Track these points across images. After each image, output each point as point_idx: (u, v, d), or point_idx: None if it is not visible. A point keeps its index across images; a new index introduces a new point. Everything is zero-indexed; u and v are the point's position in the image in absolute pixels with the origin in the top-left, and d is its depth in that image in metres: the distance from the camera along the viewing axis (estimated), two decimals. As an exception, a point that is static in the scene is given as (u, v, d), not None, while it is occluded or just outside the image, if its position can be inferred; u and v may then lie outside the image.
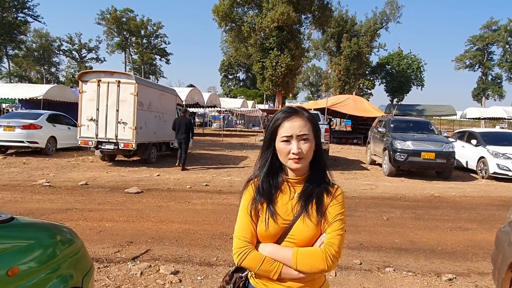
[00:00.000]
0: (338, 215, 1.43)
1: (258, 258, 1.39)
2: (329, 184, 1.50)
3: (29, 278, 1.80)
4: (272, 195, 1.47)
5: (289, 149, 1.41)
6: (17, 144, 12.53)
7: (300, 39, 30.20)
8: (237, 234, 1.45)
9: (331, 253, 1.36)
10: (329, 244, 1.38)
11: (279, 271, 1.38)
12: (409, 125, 12.82)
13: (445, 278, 4.05)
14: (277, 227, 1.43)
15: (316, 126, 1.48)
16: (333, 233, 1.40)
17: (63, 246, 2.20)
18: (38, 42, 63.55)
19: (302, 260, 1.37)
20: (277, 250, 1.41)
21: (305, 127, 1.42)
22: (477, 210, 7.45)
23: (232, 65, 68.63)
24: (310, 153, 1.44)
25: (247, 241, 1.42)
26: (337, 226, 1.41)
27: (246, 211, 1.46)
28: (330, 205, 1.44)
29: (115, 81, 10.70)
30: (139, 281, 3.69)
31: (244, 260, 1.40)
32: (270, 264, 1.39)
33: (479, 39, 56.68)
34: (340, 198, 1.46)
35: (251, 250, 1.41)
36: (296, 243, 1.42)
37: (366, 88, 52.60)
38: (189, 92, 23.75)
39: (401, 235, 5.63)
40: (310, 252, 1.39)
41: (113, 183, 8.68)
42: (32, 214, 5.86)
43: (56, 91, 19.83)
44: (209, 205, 7.01)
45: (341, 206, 1.45)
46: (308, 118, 1.46)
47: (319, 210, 1.42)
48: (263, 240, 1.45)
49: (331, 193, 1.46)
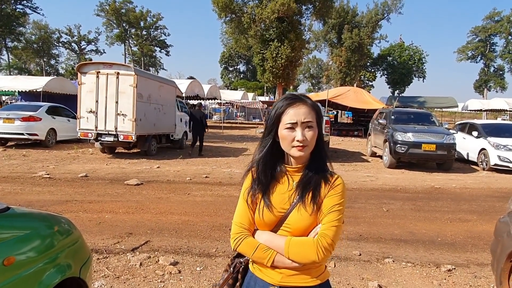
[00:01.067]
0: (335, 205, 1.39)
1: (252, 245, 1.41)
2: (329, 173, 1.46)
3: (25, 268, 1.80)
4: (268, 185, 1.46)
5: (293, 136, 1.39)
6: (17, 136, 12.53)
7: (301, 30, 29.97)
8: (235, 220, 1.47)
9: (323, 244, 1.34)
10: (322, 236, 1.35)
11: (272, 258, 1.38)
12: (410, 116, 12.77)
13: (444, 269, 4.05)
14: (272, 217, 1.42)
15: (319, 114, 1.45)
16: (328, 224, 1.37)
17: (60, 236, 2.19)
18: (37, 34, 63.21)
19: (294, 250, 1.36)
20: (272, 238, 1.41)
21: (309, 114, 1.40)
22: (477, 202, 7.44)
23: (232, 57, 68.33)
24: (313, 141, 1.41)
25: (244, 227, 1.44)
26: (332, 217, 1.37)
27: (244, 199, 1.47)
28: (327, 195, 1.40)
29: (114, 73, 10.65)
30: (138, 272, 3.70)
31: (239, 245, 1.42)
32: (264, 251, 1.39)
33: (482, 30, 56.31)
34: (339, 188, 1.42)
35: (247, 236, 1.42)
36: (291, 232, 1.41)
37: (367, 80, 52.42)
38: (189, 84, 23.69)
39: (400, 226, 5.63)
40: (302, 242, 1.37)
41: (113, 175, 8.68)
42: (32, 205, 5.86)
43: (55, 83, 19.80)
44: (208, 196, 7.01)
45: (340, 197, 1.40)
46: (312, 106, 1.43)
47: (315, 200, 1.39)
48: (260, 227, 1.45)
49: (329, 182, 1.42)
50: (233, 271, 1.54)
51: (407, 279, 3.80)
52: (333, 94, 23.76)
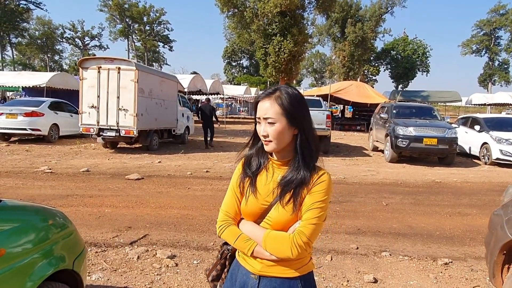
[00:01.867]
0: (316, 203, 1.36)
1: (234, 233, 1.44)
2: (314, 170, 1.41)
3: (16, 260, 1.82)
4: (256, 175, 1.48)
5: (260, 130, 1.42)
6: (20, 131, 12.60)
7: (304, 25, 29.77)
8: (222, 208, 1.51)
9: (297, 242, 1.33)
10: (298, 233, 1.35)
11: (252, 249, 1.40)
12: (412, 111, 12.71)
13: (441, 262, 4.06)
14: (257, 206, 1.44)
15: (289, 109, 1.37)
16: (305, 221, 1.35)
17: (53, 229, 2.21)
18: (40, 29, 63.28)
19: (271, 244, 1.37)
20: (253, 229, 1.44)
21: (270, 110, 1.37)
22: (477, 196, 7.42)
23: (235, 52, 68.11)
24: (278, 136, 1.38)
25: (229, 215, 1.48)
26: (311, 215, 1.35)
27: (232, 188, 1.51)
28: (310, 192, 1.38)
29: (115, 68, 10.66)
30: (135, 265, 3.73)
31: (222, 233, 1.46)
32: (245, 241, 1.42)
33: (486, 23, 55.67)
34: (322, 185, 1.38)
35: (230, 225, 1.46)
36: (272, 226, 1.42)
37: (371, 74, 52.12)
38: (192, 79, 23.66)
39: (399, 220, 5.63)
40: (279, 237, 1.37)
41: (114, 169, 8.73)
42: (33, 200, 5.91)
43: (59, 79, 19.86)
44: (208, 191, 7.03)
45: (322, 194, 1.37)
46: (277, 99, 1.37)
47: (295, 200, 1.38)
48: (245, 217, 1.48)
49: (312, 180, 1.39)
50: (220, 257, 1.61)
51: (403, 272, 3.81)
52: (336, 89, 23.68)
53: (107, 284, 3.34)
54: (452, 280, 3.69)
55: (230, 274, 1.55)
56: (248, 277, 1.45)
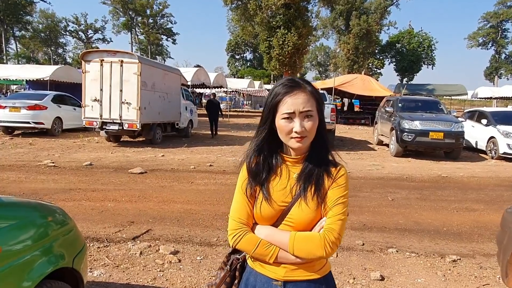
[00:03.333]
0: (340, 198, 1.32)
1: (253, 241, 1.32)
2: (332, 164, 1.38)
3: (14, 258, 1.76)
4: (266, 177, 1.37)
5: (291, 127, 1.29)
6: (23, 125, 12.59)
7: (308, 17, 29.49)
8: (232, 215, 1.37)
9: (330, 239, 1.28)
10: (329, 230, 1.29)
11: (275, 255, 1.31)
12: (418, 104, 12.54)
13: (449, 259, 3.97)
14: (273, 211, 1.35)
15: (320, 101, 1.35)
16: (333, 217, 1.30)
17: (52, 226, 2.16)
18: (44, 23, 63.24)
19: (299, 246, 1.29)
20: (273, 233, 1.33)
21: (308, 102, 1.30)
22: (485, 191, 7.31)
23: (239, 45, 67.77)
24: (313, 131, 1.32)
25: (243, 222, 1.35)
26: (338, 210, 1.31)
27: (242, 192, 1.38)
28: (331, 187, 1.33)
29: (118, 61, 10.58)
30: (138, 261, 3.68)
31: (239, 242, 1.33)
32: (266, 247, 1.31)
33: (493, 16, 54.96)
34: (342, 179, 1.34)
35: (246, 233, 1.33)
36: (294, 227, 1.34)
37: (376, 67, 51.63)
38: (195, 72, 23.54)
39: (405, 216, 5.54)
40: (308, 237, 1.30)
41: (117, 163, 8.68)
42: (36, 194, 5.89)
43: (62, 72, 19.82)
44: (212, 185, 6.97)
45: (343, 189, 1.33)
46: (311, 92, 1.32)
47: (318, 193, 1.32)
48: (259, 222, 1.37)
49: (332, 174, 1.35)
50: (230, 268, 1.46)
51: (410, 270, 3.74)
52: (340, 82, 23.47)
53: (109, 281, 3.29)
54: (461, 278, 3.61)
55: (244, 285, 1.43)
56: (270, 284, 1.36)
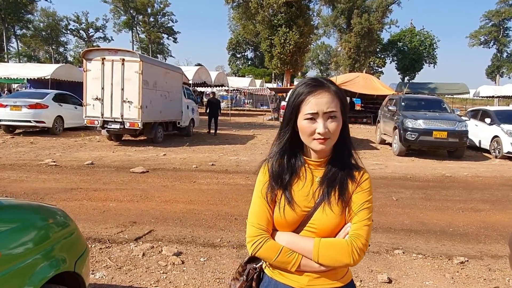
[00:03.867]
0: (365, 202, 1.27)
1: (275, 249, 1.26)
2: (355, 168, 1.32)
3: (14, 262, 1.70)
4: (289, 180, 1.31)
5: (313, 128, 1.24)
6: (24, 123, 12.54)
7: (309, 16, 29.42)
8: (252, 221, 1.30)
9: (357, 246, 1.23)
10: (356, 236, 1.24)
11: (298, 263, 1.25)
12: (421, 103, 12.45)
13: (457, 261, 3.91)
14: (295, 215, 1.28)
15: (344, 101, 1.29)
16: (360, 223, 1.25)
17: (53, 229, 2.09)
18: (45, 21, 63.10)
19: (325, 253, 1.23)
20: (296, 240, 1.27)
21: (333, 103, 1.25)
22: (490, 191, 7.23)
23: (240, 43, 67.59)
24: (337, 132, 1.26)
25: (263, 229, 1.28)
26: (363, 216, 1.26)
27: (261, 196, 1.31)
28: (355, 191, 1.28)
29: (120, 59, 10.52)
30: (140, 263, 3.62)
31: (259, 250, 1.26)
32: (288, 255, 1.25)
33: (495, 14, 54.72)
34: (366, 184, 1.30)
35: (267, 240, 1.27)
36: (317, 233, 1.27)
37: (377, 66, 51.50)
38: (196, 71, 23.49)
39: (411, 216, 5.48)
40: (334, 244, 1.25)
41: (119, 162, 8.63)
42: (37, 193, 5.83)
43: (63, 71, 19.77)
44: (214, 184, 6.91)
45: (368, 193, 1.29)
46: (335, 92, 1.27)
47: (343, 198, 1.27)
48: (280, 228, 1.31)
49: (356, 178, 1.30)
50: (246, 279, 1.38)
51: (418, 272, 3.67)
52: (342, 81, 23.34)
53: (111, 283, 3.23)
54: (469, 280, 3.54)
55: None
56: None
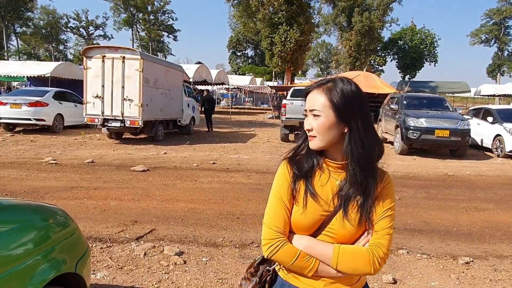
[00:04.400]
0: (388, 210, 1.23)
1: (292, 253, 1.22)
2: (377, 172, 1.26)
3: (14, 264, 1.65)
4: (310, 175, 1.26)
5: (305, 124, 1.28)
6: (24, 121, 12.49)
7: (310, 14, 29.35)
8: (268, 223, 1.25)
9: (379, 255, 1.19)
10: (377, 246, 1.20)
11: (315, 268, 1.22)
12: (423, 102, 12.39)
13: (462, 261, 3.86)
14: (317, 215, 1.23)
15: (338, 102, 1.20)
16: (382, 232, 1.21)
17: (54, 229, 2.05)
18: (45, 19, 63.03)
19: (345, 261, 1.20)
20: (314, 245, 1.23)
21: (317, 101, 1.22)
22: (493, 190, 7.19)
23: (240, 41, 67.46)
24: (321, 131, 1.21)
25: (280, 231, 1.23)
26: (386, 224, 1.22)
27: (279, 196, 1.26)
28: (378, 198, 1.24)
29: (120, 57, 10.46)
30: (142, 262, 3.57)
31: (276, 253, 1.22)
32: (306, 260, 1.22)
33: (496, 12, 54.60)
34: (389, 189, 1.26)
35: (284, 243, 1.22)
36: (336, 238, 1.23)
37: (378, 64, 51.39)
38: (197, 69, 23.40)
39: (414, 215, 5.43)
40: (355, 252, 1.21)
41: (119, 161, 8.58)
42: (37, 192, 5.79)
43: (63, 69, 19.72)
44: (216, 183, 6.86)
45: (391, 199, 1.25)
46: (328, 91, 1.21)
47: (362, 206, 1.22)
48: (297, 231, 1.26)
49: (377, 184, 1.24)
50: (259, 280, 1.35)
51: (423, 272, 3.62)
52: (343, 79, 23.28)
53: (112, 283, 3.19)
54: (475, 281, 3.50)
55: None
56: None
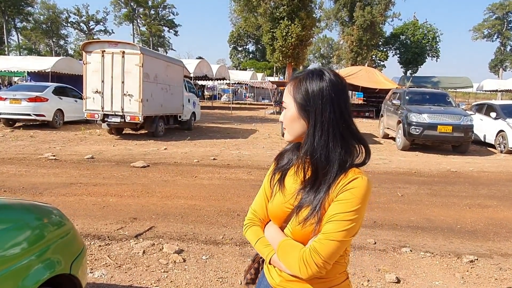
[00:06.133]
0: (340, 214, 1.07)
1: (256, 235, 1.29)
2: (345, 173, 1.13)
3: (8, 264, 1.59)
4: (286, 169, 1.28)
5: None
6: (24, 117, 12.43)
7: (311, 8, 29.09)
8: (251, 206, 1.37)
9: (307, 259, 1.08)
10: (311, 249, 1.09)
11: (270, 256, 1.23)
12: (425, 97, 12.28)
13: (466, 260, 3.79)
14: (282, 207, 1.22)
15: (296, 96, 1.15)
16: (323, 235, 1.08)
17: (48, 228, 1.98)
18: (45, 14, 62.72)
19: (282, 254, 1.17)
20: (274, 233, 1.24)
21: (286, 94, 1.20)
22: (496, 186, 7.11)
23: (241, 36, 67.16)
24: (288, 123, 1.18)
25: (255, 215, 1.33)
26: (331, 229, 1.07)
27: (263, 185, 1.36)
28: (335, 199, 1.10)
29: (120, 52, 10.36)
30: (141, 261, 3.52)
31: (245, 232, 1.33)
32: (265, 246, 1.25)
33: (499, 7, 54.22)
34: (352, 193, 1.08)
35: (254, 225, 1.32)
36: (292, 233, 1.19)
37: (379, 59, 51.09)
38: (198, 64, 23.30)
39: (417, 212, 5.36)
40: (290, 248, 1.15)
41: (119, 156, 8.51)
42: (35, 188, 5.74)
43: (63, 64, 19.62)
44: (216, 179, 6.80)
45: (350, 203, 1.07)
46: (293, 85, 1.17)
47: (310, 212, 1.12)
48: (272, 219, 1.29)
49: (339, 185, 1.11)
50: (253, 261, 1.44)
51: (427, 271, 3.56)
52: (345, 74, 22.75)
53: (110, 282, 3.13)
54: (480, 280, 3.43)
55: (258, 283, 1.37)
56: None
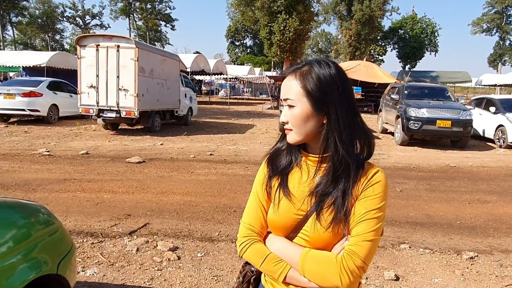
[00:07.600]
0: (371, 211, 1.01)
1: (260, 253, 1.10)
2: (363, 166, 1.07)
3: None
4: (287, 172, 1.13)
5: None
6: (18, 112, 12.28)
7: (309, 2, 28.90)
8: (243, 220, 1.17)
9: (349, 266, 0.99)
10: (349, 253, 1.00)
11: (284, 273, 1.06)
12: (424, 91, 12.20)
13: (466, 256, 3.73)
14: (291, 215, 1.08)
15: (313, 89, 1.04)
16: (358, 237, 1.00)
17: (35, 227, 1.90)
18: (41, 8, 62.18)
19: (311, 267, 1.02)
20: (285, 247, 1.08)
21: (291, 90, 1.06)
22: (496, 181, 7.05)
23: (239, 31, 66.80)
24: (298, 123, 1.06)
25: (253, 230, 1.13)
26: (364, 229, 1.00)
27: (256, 194, 1.17)
28: (360, 197, 1.03)
29: (114, 46, 10.20)
30: (134, 258, 3.43)
31: (245, 252, 1.12)
32: (275, 263, 1.07)
33: (498, 1, 54.00)
34: (376, 188, 1.03)
35: (254, 242, 1.12)
36: (310, 242, 1.06)
37: (378, 54, 50.90)
38: (195, 58, 23.12)
39: (416, 208, 5.30)
40: (323, 258, 1.03)
41: (114, 152, 8.41)
42: (29, 184, 5.63)
43: (59, 58, 19.44)
44: (213, 175, 6.71)
45: (378, 200, 1.02)
46: (300, 77, 1.06)
47: (338, 207, 1.02)
48: (274, 230, 1.13)
49: (361, 181, 1.04)
50: (242, 280, 1.26)
51: (426, 268, 3.49)
52: (344, 68, 22.98)
53: (102, 281, 3.05)
54: (481, 277, 3.37)
55: None
56: None
